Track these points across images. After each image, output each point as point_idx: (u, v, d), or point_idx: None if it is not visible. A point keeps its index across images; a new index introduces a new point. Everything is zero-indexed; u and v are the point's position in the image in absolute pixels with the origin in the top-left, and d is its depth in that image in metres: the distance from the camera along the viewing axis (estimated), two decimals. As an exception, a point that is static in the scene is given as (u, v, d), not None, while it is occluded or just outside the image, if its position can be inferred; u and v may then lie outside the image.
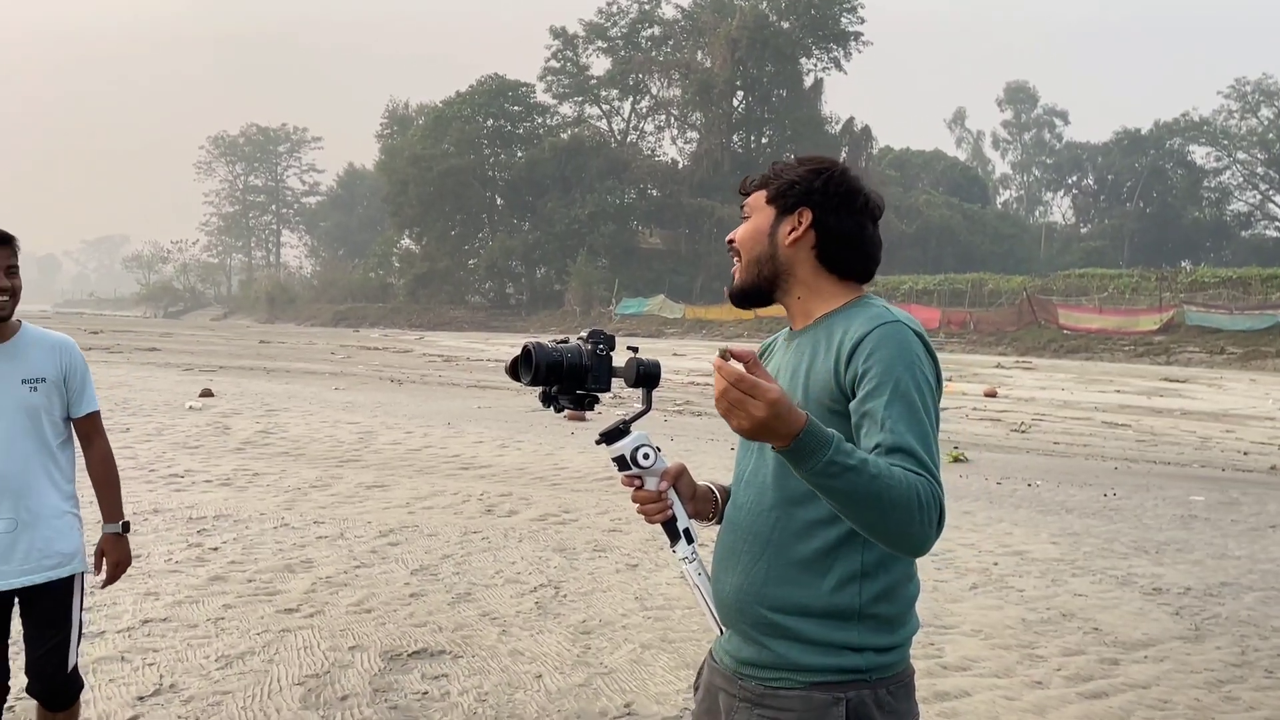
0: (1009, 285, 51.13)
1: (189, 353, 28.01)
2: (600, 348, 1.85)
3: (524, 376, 1.83)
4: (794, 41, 71.55)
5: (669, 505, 1.86)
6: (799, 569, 1.75)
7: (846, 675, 1.71)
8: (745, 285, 1.91)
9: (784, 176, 1.89)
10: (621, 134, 79.43)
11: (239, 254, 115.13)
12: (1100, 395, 23.32)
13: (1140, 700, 4.41)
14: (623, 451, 1.83)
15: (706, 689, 1.92)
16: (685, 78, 74.02)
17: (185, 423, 11.89)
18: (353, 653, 4.56)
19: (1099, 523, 8.38)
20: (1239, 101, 79.27)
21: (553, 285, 72.82)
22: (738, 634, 1.82)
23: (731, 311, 57.17)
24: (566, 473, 9.64)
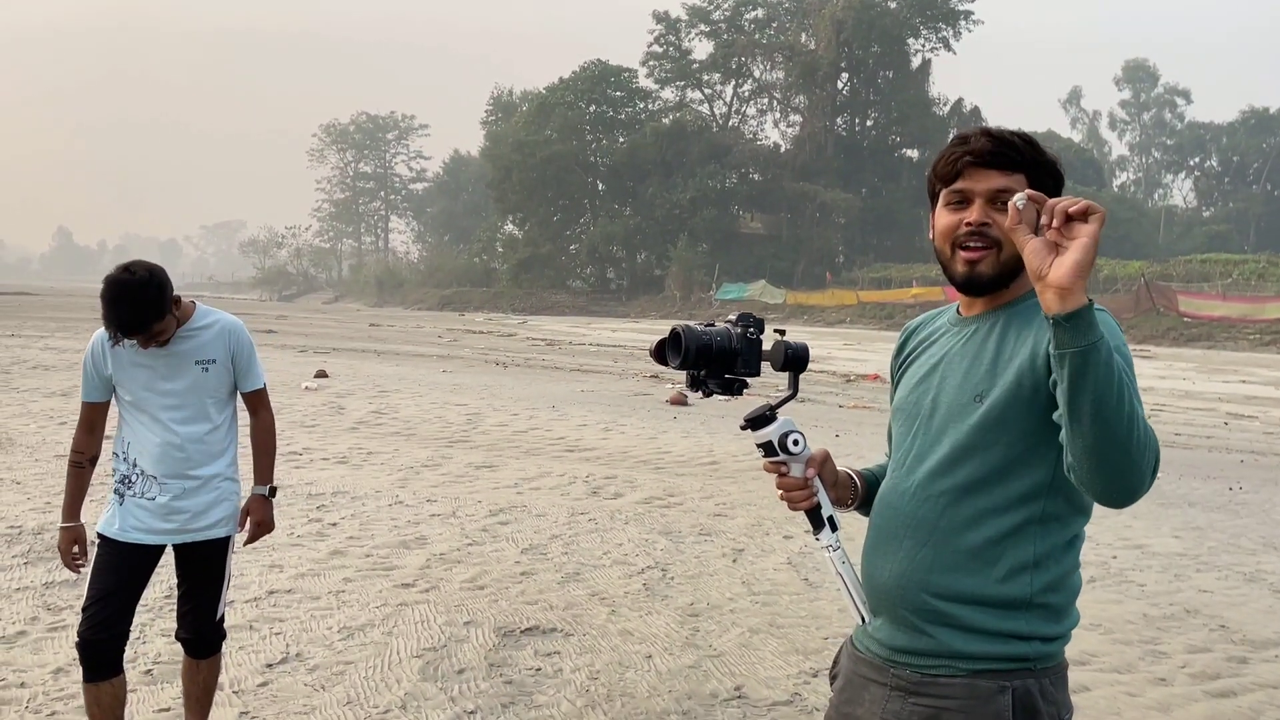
0: (1126, 271, 49.34)
1: (303, 334, 28.90)
2: (750, 331, 1.82)
3: (672, 360, 1.80)
4: (901, 22, 70.07)
5: (815, 492, 1.83)
6: (967, 557, 1.70)
7: (1013, 664, 1.68)
8: (998, 278, 1.76)
9: (1042, 164, 1.78)
10: (723, 118, 79.00)
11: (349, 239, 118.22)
12: (1224, 385, 22.37)
13: (1271, 700, 4.24)
14: (770, 437, 1.80)
15: (849, 679, 1.86)
16: (789, 60, 73.17)
17: (302, 402, 12.29)
18: (467, 628, 4.66)
19: (1224, 517, 8.07)
20: (1378, 76, 74.87)
21: (653, 270, 72.92)
22: (892, 621, 1.77)
23: (833, 297, 56.51)
24: (669, 457, 9.67)
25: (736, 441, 10.69)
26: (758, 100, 79.17)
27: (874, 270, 60.17)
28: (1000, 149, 1.74)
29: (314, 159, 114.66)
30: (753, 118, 80.00)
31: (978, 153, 1.75)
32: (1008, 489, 1.68)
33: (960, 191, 1.77)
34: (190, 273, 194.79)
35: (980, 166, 1.75)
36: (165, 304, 2.99)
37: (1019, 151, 1.75)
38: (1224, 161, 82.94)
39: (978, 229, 1.74)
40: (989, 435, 1.69)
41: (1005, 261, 1.73)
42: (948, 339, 1.85)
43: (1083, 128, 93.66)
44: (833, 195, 65.48)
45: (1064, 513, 1.70)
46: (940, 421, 1.77)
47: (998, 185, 1.73)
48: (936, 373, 1.82)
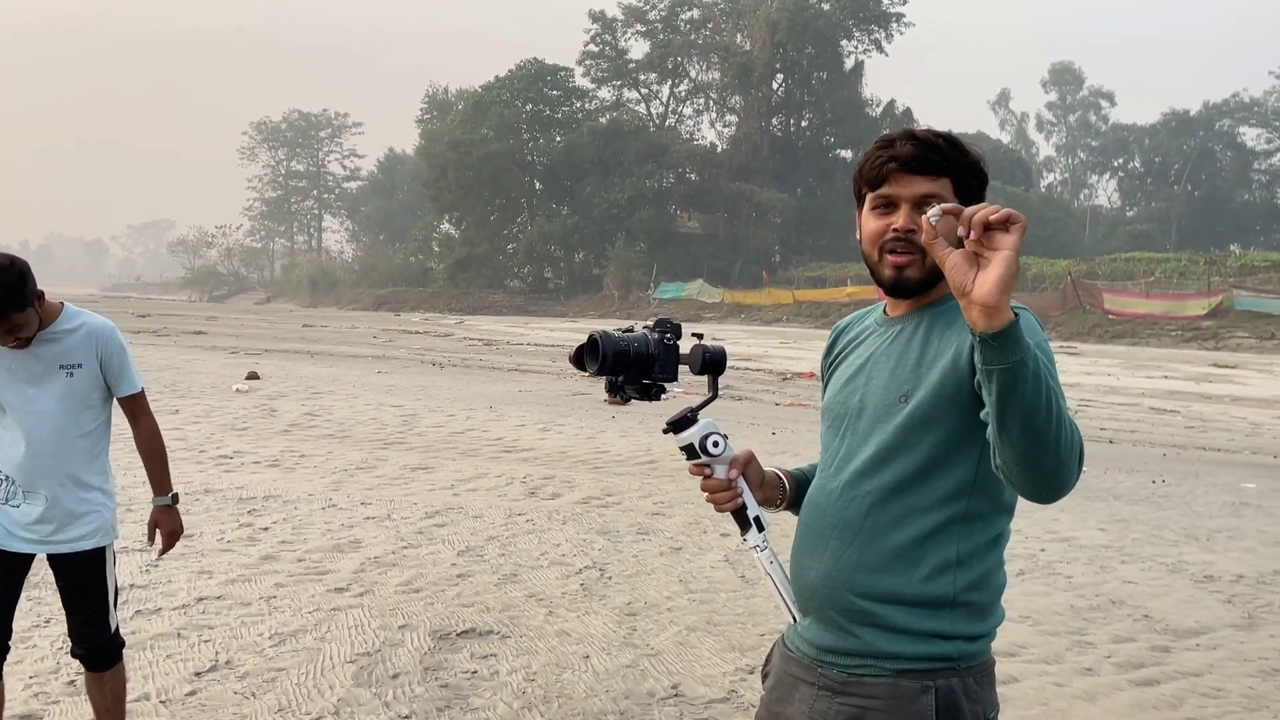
0: (1053, 269, 50.44)
1: (234, 336, 28.38)
2: (667, 337, 1.82)
3: (590, 366, 1.80)
4: (835, 24, 70.89)
5: (739, 493, 1.84)
6: (892, 557, 1.71)
7: (936, 663, 1.68)
8: (924, 283, 1.76)
9: (968, 167, 1.78)
10: (660, 118, 79.20)
11: (281, 239, 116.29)
12: (1148, 381, 22.98)
13: (1193, 688, 4.36)
14: (691, 440, 1.81)
15: (780, 678, 1.87)
16: (724, 61, 73.60)
17: (233, 405, 12.06)
18: (403, 632, 4.61)
19: (1148, 509, 8.28)
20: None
21: (591, 270, 72.85)
22: (819, 621, 1.78)
23: (770, 296, 56.95)
24: (608, 456, 9.67)
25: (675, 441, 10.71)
26: (694, 100, 79.54)
27: (809, 269, 60.79)
28: (925, 153, 1.74)
29: (245, 157, 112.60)
30: (689, 118, 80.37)
31: (902, 158, 1.74)
32: (932, 489, 1.70)
33: (886, 197, 1.76)
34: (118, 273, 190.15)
35: (905, 172, 1.74)
36: (26, 294, 2.81)
37: (943, 155, 1.75)
38: (1146, 162, 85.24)
39: (904, 235, 1.74)
40: (913, 435, 1.70)
41: (932, 266, 1.71)
42: (874, 339, 1.86)
43: (1011, 129, 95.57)
44: (769, 195, 66.00)
45: (987, 511, 1.71)
46: (866, 422, 1.77)
47: (923, 190, 1.73)
48: (863, 373, 1.82)
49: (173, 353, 20.24)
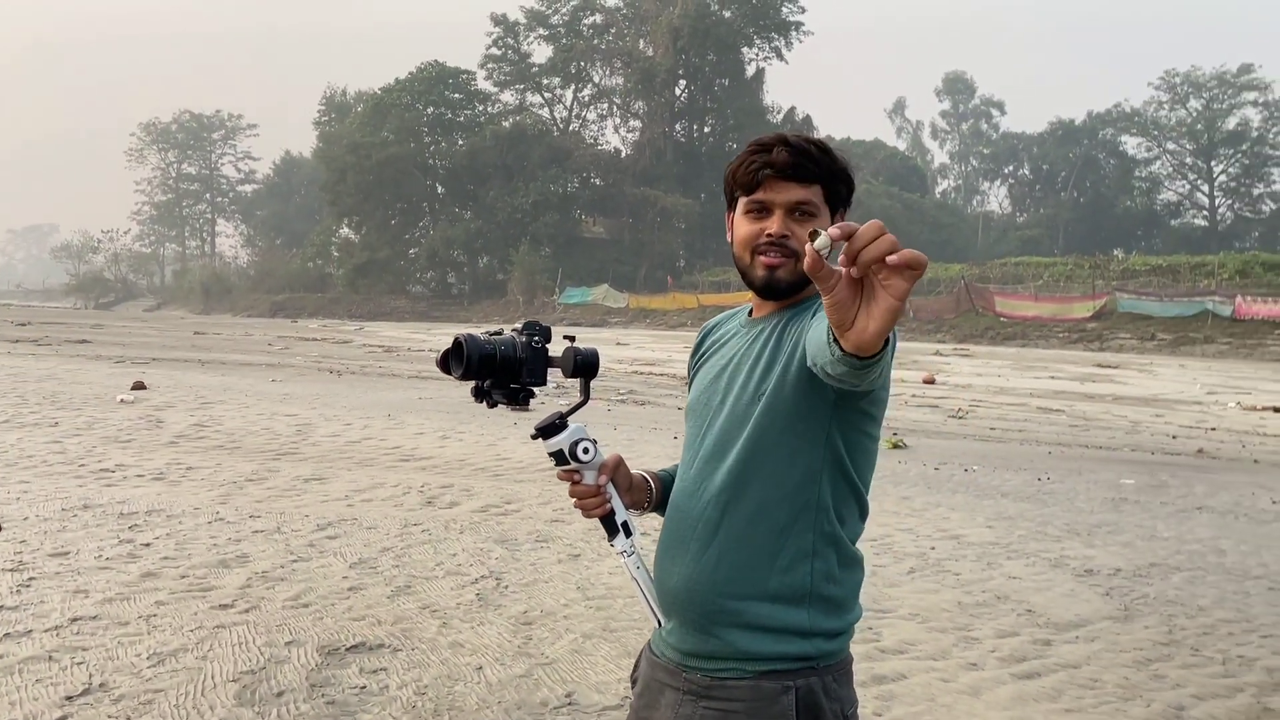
0: (947, 274, 51.90)
1: (121, 345, 27.39)
2: (535, 340, 1.80)
3: (455, 370, 1.77)
4: (736, 31, 71.84)
5: (608, 499, 1.83)
6: (751, 552, 1.74)
7: (796, 663, 1.72)
8: (795, 287, 1.80)
9: (838, 175, 1.81)
10: (564, 122, 79.18)
11: (172, 244, 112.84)
12: (1035, 381, 23.78)
13: (1072, 680, 4.51)
14: (560, 446, 1.79)
15: (647, 684, 1.89)
16: (628, 66, 73.97)
17: (117, 416, 11.63)
18: (289, 648, 4.49)
19: (1033, 506, 8.55)
20: (1169, 93, 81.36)
21: (495, 275, 72.41)
22: (683, 624, 1.80)
23: (675, 301, 57.34)
24: (509, 463, 9.59)
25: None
26: (598, 105, 79.80)
27: (713, 274, 61.41)
28: (798, 160, 1.76)
29: (133, 159, 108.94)
30: (593, 122, 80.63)
31: (777, 165, 1.76)
32: (784, 483, 1.74)
33: (760, 202, 1.79)
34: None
35: (780, 178, 1.77)
36: None
37: (815, 162, 1.78)
38: (1035, 170, 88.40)
39: (777, 240, 1.77)
40: (766, 433, 1.74)
41: (802, 272, 1.70)
42: (737, 341, 1.89)
43: (907, 137, 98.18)
44: (673, 200, 66.49)
45: (842, 505, 1.78)
46: (725, 422, 1.80)
47: (797, 197, 1.77)
48: (725, 374, 1.85)
49: (54, 363, 19.43)
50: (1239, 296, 38.63)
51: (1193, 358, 35.33)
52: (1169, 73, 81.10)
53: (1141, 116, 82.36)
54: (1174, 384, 23.93)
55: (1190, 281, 42.77)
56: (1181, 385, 23.56)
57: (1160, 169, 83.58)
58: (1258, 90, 77.71)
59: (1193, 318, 39.28)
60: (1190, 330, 38.51)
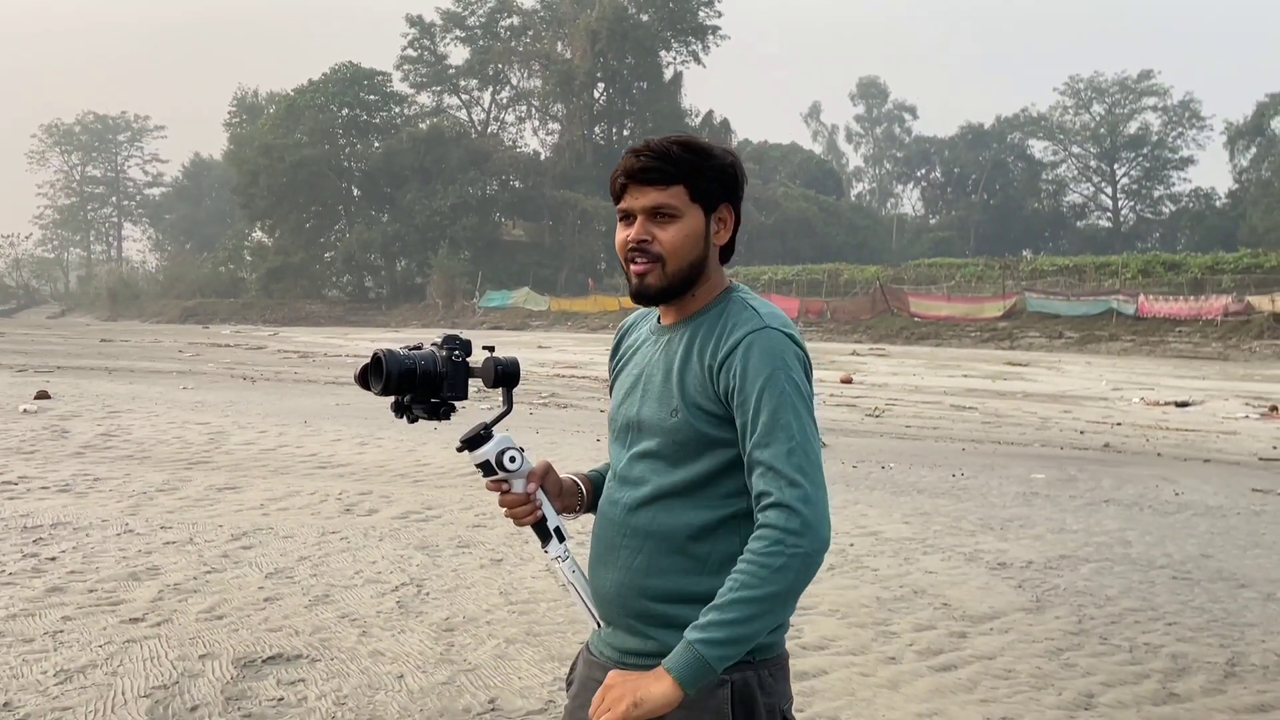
0: (863, 275, 52.77)
1: (23, 353, 26.43)
2: (456, 354, 1.79)
3: (374, 386, 1.76)
4: (653, 34, 72.08)
5: (538, 506, 1.84)
6: (680, 557, 1.76)
7: None
8: (668, 290, 1.80)
9: (704, 170, 1.79)
10: (482, 125, 78.60)
11: (77, 248, 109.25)
12: (949, 380, 24.32)
13: (986, 671, 4.62)
14: (486, 457, 1.79)
15: (583, 684, 1.90)
16: (546, 69, 73.74)
17: (19, 426, 11.22)
18: (203, 661, 4.38)
19: (948, 502, 8.74)
20: (1073, 98, 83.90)
21: (414, 278, 71.56)
22: (620, 627, 1.83)
23: (596, 303, 57.30)
24: (429, 469, 9.49)
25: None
26: (516, 108, 79.39)
27: (635, 277, 61.42)
28: (651, 164, 1.76)
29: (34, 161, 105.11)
30: (512, 125, 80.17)
31: (630, 171, 1.77)
32: (710, 492, 1.76)
33: (624, 209, 1.80)
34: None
35: (637, 184, 1.77)
36: None
37: (674, 163, 1.76)
38: (946, 173, 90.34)
39: (638, 245, 1.78)
40: (687, 447, 1.76)
41: (671, 275, 1.78)
42: (648, 348, 1.90)
43: (823, 140, 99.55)
44: (593, 203, 66.39)
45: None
46: (646, 434, 1.82)
47: (654, 201, 1.76)
48: (639, 385, 1.86)
49: (-50, 372, 18.66)
50: (1142, 295, 40.03)
51: (1099, 355, 36.52)
52: (1073, 78, 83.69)
53: (1048, 121, 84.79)
54: (1081, 381, 24.69)
55: (1095, 281, 44.16)
56: (1088, 382, 24.32)
57: (1066, 172, 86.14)
58: (1157, 95, 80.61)
59: (1098, 316, 40.58)
60: (1096, 329, 39.78)
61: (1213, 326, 36.94)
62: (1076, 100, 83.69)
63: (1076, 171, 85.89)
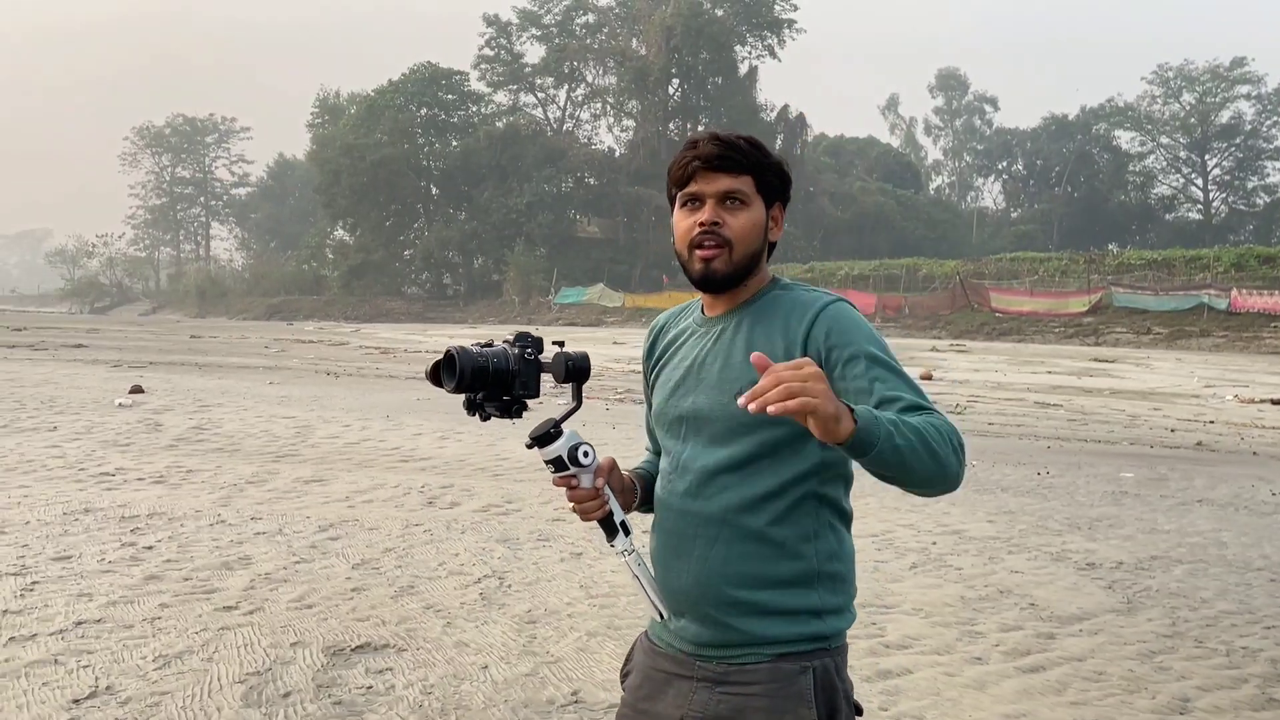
0: (942, 270, 51.93)
1: (117, 349, 27.34)
2: (528, 351, 1.80)
3: (447, 383, 1.77)
4: (728, 29, 71.80)
5: (606, 501, 1.85)
6: (756, 542, 1.79)
7: (811, 644, 1.78)
8: (732, 276, 1.85)
9: (769, 166, 1.87)
10: (557, 122, 79.14)
11: (167, 248, 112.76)
12: (1032, 376, 23.80)
13: (1076, 672, 4.52)
14: (558, 453, 1.79)
15: (646, 676, 1.91)
16: (621, 65, 73.92)
17: (115, 420, 11.61)
18: (294, 649, 4.49)
19: (1033, 501, 8.56)
20: (1162, 87, 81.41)
21: (490, 275, 72.38)
22: (696, 618, 1.83)
23: (671, 299, 57.32)
24: (509, 463, 9.59)
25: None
26: (591, 105, 79.72)
27: (709, 272, 61.35)
28: (726, 152, 1.83)
29: (127, 163, 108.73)
30: (587, 122, 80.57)
31: (705, 157, 1.83)
32: (779, 473, 1.79)
33: (693, 194, 1.85)
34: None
35: (709, 169, 1.83)
36: None
37: (744, 154, 1.84)
38: (1029, 165, 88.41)
39: (710, 229, 1.83)
40: (753, 430, 1.78)
41: (738, 260, 1.84)
42: (696, 341, 1.93)
43: (901, 133, 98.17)
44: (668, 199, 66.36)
45: (831, 486, 1.83)
46: (706, 424, 1.84)
47: (726, 187, 1.83)
48: (692, 376, 1.89)
49: (51, 367, 19.39)
50: (1234, 289, 38.72)
51: (1189, 351, 35.40)
52: (1162, 67, 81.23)
53: (1135, 111, 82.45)
54: (1171, 378, 23.98)
55: (1186, 275, 42.83)
56: (1179, 379, 23.61)
57: (1154, 163, 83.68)
58: (1250, 84, 77.88)
59: (1189, 311, 39.37)
60: (1186, 324, 38.59)
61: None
62: (1165, 89, 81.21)
63: (1165, 163, 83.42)
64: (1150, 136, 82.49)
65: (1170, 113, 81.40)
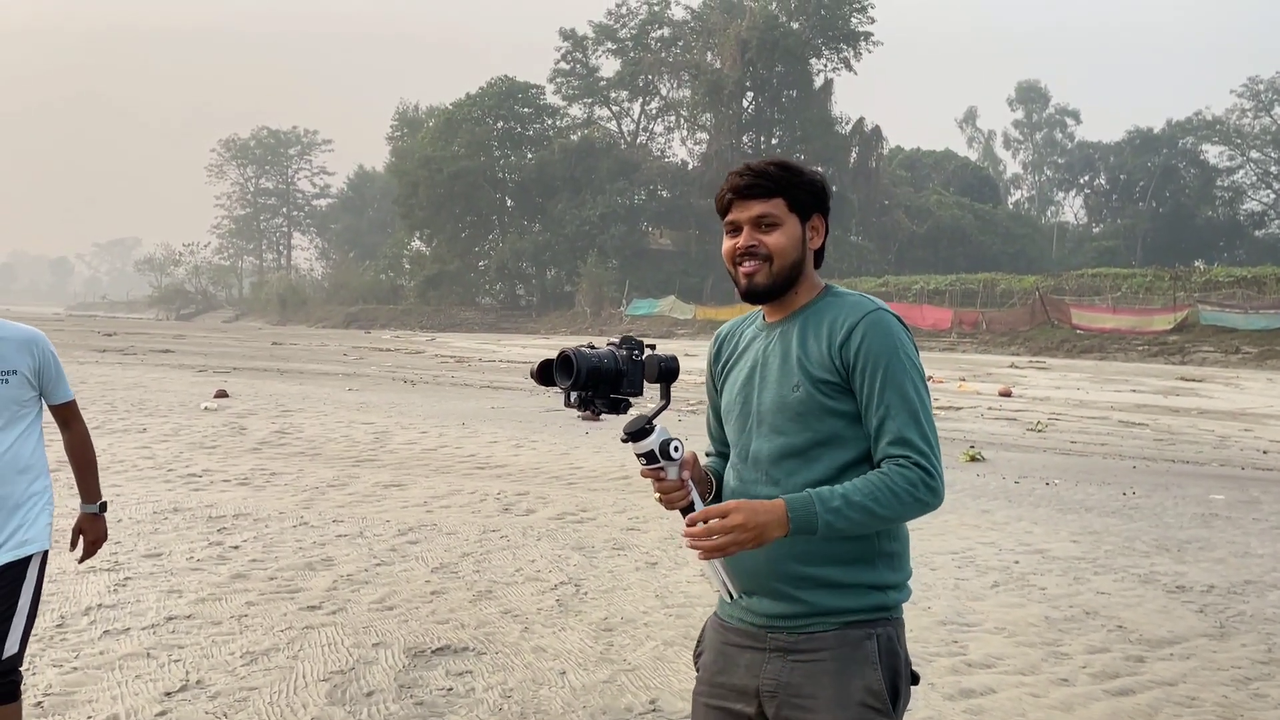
0: (1021, 285, 50.89)
1: (202, 354, 28.10)
2: (635, 354, 1.96)
3: (563, 382, 1.90)
4: (804, 42, 71.43)
5: (690, 492, 1.98)
6: None
7: (876, 613, 1.97)
8: (774, 287, 2.05)
9: (798, 185, 2.05)
10: (631, 135, 79.44)
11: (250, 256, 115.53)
12: (1116, 394, 23.21)
13: (1168, 697, 4.38)
14: (652, 446, 1.93)
15: (719, 652, 2.08)
16: (695, 79, 73.97)
17: (201, 423, 11.93)
18: (376, 649, 4.56)
19: (1119, 521, 8.34)
20: (1252, 100, 78.93)
21: (563, 286, 72.83)
22: (766, 594, 2.00)
23: (741, 311, 56.66)
24: (582, 472, 9.63)
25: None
26: (665, 118, 79.84)
27: (781, 285, 61.01)
28: (755, 181, 2.04)
29: (213, 174, 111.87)
30: (660, 135, 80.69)
31: (736, 189, 2.06)
32: (837, 459, 1.98)
33: (732, 222, 2.08)
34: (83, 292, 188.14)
35: (742, 199, 2.05)
36: None
37: (773, 179, 2.04)
38: (1112, 179, 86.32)
39: (747, 250, 2.05)
40: (811, 419, 1.98)
41: (777, 273, 2.05)
42: (759, 343, 2.12)
43: (979, 146, 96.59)
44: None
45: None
46: (770, 416, 2.03)
47: (758, 212, 2.04)
48: (756, 375, 2.09)
49: (140, 371, 20.01)
50: (1328, 308, 37.31)
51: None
52: (1253, 80, 78.74)
53: (1224, 125, 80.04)
54: (1262, 398, 23.19)
55: (1277, 293, 41.35)
56: (1270, 399, 22.82)
57: (1243, 178, 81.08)
58: (1346, 96, 75.17)
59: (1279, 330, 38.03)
60: (1277, 343, 37.25)
61: None
62: (1256, 103, 78.70)
63: (1255, 178, 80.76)
64: (1240, 150, 80.00)
65: (1261, 126, 78.88)
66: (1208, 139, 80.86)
